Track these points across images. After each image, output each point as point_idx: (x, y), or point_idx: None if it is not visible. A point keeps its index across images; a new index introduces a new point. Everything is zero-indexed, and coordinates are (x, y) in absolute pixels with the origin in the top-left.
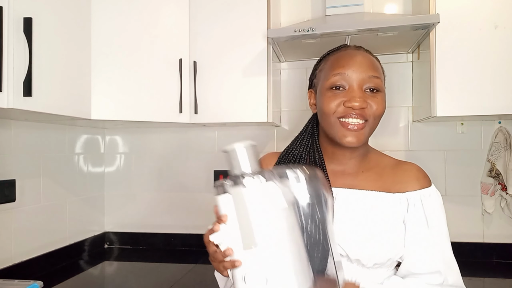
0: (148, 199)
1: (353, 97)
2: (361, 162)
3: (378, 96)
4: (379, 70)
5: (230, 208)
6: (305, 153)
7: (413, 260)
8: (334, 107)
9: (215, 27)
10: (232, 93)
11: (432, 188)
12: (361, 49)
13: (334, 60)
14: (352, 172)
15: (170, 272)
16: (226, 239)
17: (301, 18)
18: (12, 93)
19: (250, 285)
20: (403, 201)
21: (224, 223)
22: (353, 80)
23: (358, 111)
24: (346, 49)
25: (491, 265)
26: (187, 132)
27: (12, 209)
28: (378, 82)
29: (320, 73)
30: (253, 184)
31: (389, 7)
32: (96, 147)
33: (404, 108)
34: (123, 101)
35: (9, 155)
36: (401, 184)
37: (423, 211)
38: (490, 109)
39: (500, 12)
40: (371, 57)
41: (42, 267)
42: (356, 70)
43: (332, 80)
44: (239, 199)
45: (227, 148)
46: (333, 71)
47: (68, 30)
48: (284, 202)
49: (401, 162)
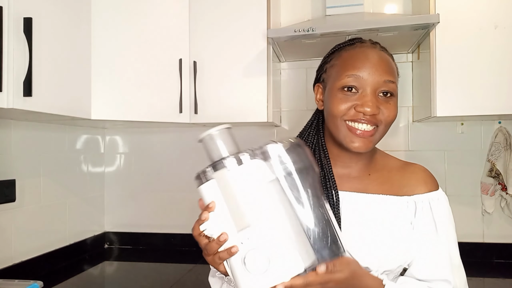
0: (148, 199)
1: (366, 101)
2: (368, 165)
3: (391, 102)
4: (394, 73)
5: (216, 194)
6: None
7: (420, 267)
8: (344, 110)
9: (215, 27)
10: (232, 93)
11: (440, 191)
12: (378, 46)
13: (348, 58)
14: (358, 175)
15: (170, 272)
16: (217, 227)
17: (301, 18)
18: (12, 93)
19: (253, 269)
20: (410, 205)
21: (212, 211)
22: (368, 83)
23: (369, 117)
24: (362, 46)
25: (491, 265)
26: (187, 132)
27: (12, 209)
28: (393, 87)
29: (332, 69)
30: (235, 164)
31: (389, 7)
32: (96, 147)
33: (404, 108)
34: (123, 101)
35: (9, 155)
36: (408, 186)
37: (431, 215)
38: (490, 109)
39: (500, 12)
40: (388, 58)
41: (42, 267)
42: (372, 73)
43: (345, 81)
44: (224, 182)
45: (202, 135)
46: (347, 71)
47: (68, 30)
48: (270, 174)
49: (408, 164)
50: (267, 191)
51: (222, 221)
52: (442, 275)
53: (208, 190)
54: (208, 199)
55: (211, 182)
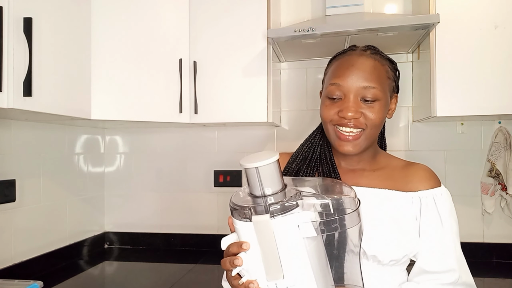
0: (148, 199)
1: (347, 107)
2: (371, 163)
3: (375, 106)
4: (379, 78)
5: (251, 236)
6: (316, 153)
7: (428, 259)
8: (331, 116)
9: (215, 27)
10: (232, 93)
11: (443, 187)
12: (367, 53)
13: (335, 67)
14: (363, 172)
15: (170, 272)
16: (248, 269)
17: (301, 18)
18: (12, 93)
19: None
20: (415, 200)
21: (245, 251)
22: (348, 90)
23: (352, 121)
24: (350, 53)
25: (491, 265)
26: (187, 132)
27: (12, 209)
28: (374, 92)
29: (325, 77)
30: (279, 213)
31: (389, 7)
32: (96, 147)
33: (404, 108)
34: (123, 101)
35: (9, 155)
36: (412, 183)
37: (436, 210)
38: (490, 109)
39: (500, 12)
40: (374, 63)
41: (42, 267)
42: (352, 80)
43: (329, 90)
44: (264, 229)
45: (247, 165)
46: (331, 80)
47: (68, 30)
48: (311, 230)
49: (410, 163)
50: (306, 246)
51: (252, 264)
52: (449, 266)
53: (244, 228)
54: (243, 237)
55: (248, 223)
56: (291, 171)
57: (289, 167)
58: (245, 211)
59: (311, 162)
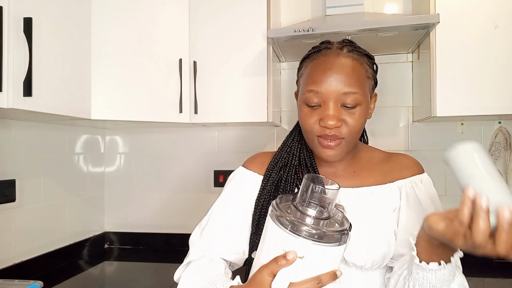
0: (148, 199)
1: (327, 115)
2: (352, 163)
3: (355, 112)
4: (359, 81)
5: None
6: (296, 159)
7: (403, 241)
8: (312, 125)
9: (215, 27)
10: (232, 93)
11: (424, 174)
12: (344, 51)
13: (310, 70)
14: (344, 174)
15: (170, 272)
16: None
17: (301, 18)
18: (12, 93)
19: None
20: (394, 189)
21: (288, 265)
22: (327, 97)
23: (333, 130)
24: (325, 54)
25: (491, 265)
26: (187, 132)
27: (12, 209)
28: (355, 97)
29: (301, 78)
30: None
31: (389, 7)
32: (96, 147)
33: (404, 108)
34: (123, 101)
35: (9, 155)
36: (391, 174)
37: (415, 196)
38: (490, 109)
39: (500, 12)
40: (352, 64)
41: (42, 267)
42: (330, 86)
43: (307, 96)
44: (311, 252)
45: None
46: (307, 86)
47: (68, 30)
48: (337, 264)
49: (392, 154)
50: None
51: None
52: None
53: (296, 246)
54: (292, 252)
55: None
56: (271, 180)
57: (269, 175)
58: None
59: (291, 168)
